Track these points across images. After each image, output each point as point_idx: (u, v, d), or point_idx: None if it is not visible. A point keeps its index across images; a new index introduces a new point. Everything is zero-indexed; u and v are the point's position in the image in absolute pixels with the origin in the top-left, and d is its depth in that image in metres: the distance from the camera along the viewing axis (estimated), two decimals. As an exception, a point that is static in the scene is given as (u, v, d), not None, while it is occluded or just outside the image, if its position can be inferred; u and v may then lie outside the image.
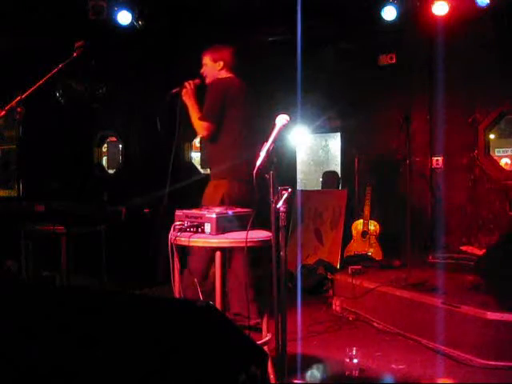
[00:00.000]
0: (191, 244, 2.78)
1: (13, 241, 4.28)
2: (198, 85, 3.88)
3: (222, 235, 2.78)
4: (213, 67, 3.95)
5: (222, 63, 3.94)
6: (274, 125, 2.63)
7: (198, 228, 2.81)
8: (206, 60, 3.96)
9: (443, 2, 4.94)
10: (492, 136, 6.55)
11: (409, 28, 5.44)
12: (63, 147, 6.80)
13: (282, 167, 5.65)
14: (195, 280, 3.16)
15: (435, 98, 5.56)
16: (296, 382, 2.91)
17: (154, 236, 5.09)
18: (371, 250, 5.49)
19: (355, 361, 3.14)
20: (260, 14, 5.56)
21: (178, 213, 2.96)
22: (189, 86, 3.82)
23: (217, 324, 1.47)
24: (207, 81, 3.92)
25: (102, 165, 7.81)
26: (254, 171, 2.51)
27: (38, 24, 5.58)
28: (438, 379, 3.22)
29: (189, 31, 5.90)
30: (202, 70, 3.97)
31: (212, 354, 1.40)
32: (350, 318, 4.30)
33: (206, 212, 2.83)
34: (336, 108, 6.27)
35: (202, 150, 7.38)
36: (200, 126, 3.73)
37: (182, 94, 3.80)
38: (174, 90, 3.79)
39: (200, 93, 3.85)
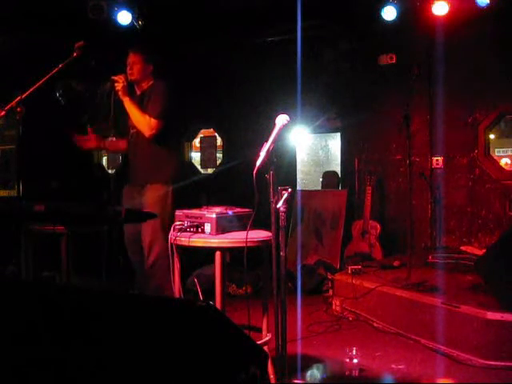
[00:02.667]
0: (191, 244, 2.78)
1: (13, 241, 4.28)
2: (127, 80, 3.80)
3: (222, 235, 2.78)
4: (144, 68, 3.87)
5: (152, 67, 3.89)
6: (274, 125, 2.63)
7: (198, 228, 2.81)
8: (138, 58, 3.86)
9: (443, 2, 4.94)
10: (492, 136, 6.56)
11: (409, 28, 5.44)
12: (63, 147, 6.79)
13: (282, 167, 5.66)
14: (195, 279, 3.16)
15: (435, 98, 5.56)
16: (296, 382, 2.91)
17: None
18: (371, 249, 5.49)
19: (355, 361, 3.14)
20: (260, 14, 5.56)
21: (178, 213, 2.96)
22: (121, 81, 3.71)
23: (217, 324, 1.47)
24: (132, 78, 3.83)
25: (102, 165, 7.81)
26: (254, 171, 2.51)
27: (38, 24, 5.58)
28: (438, 379, 3.21)
29: (189, 31, 5.90)
30: (129, 67, 3.85)
31: (212, 354, 1.40)
32: (350, 318, 4.30)
33: (205, 212, 2.84)
34: (336, 108, 6.28)
35: (202, 150, 7.38)
36: (149, 124, 3.67)
37: (118, 89, 3.72)
38: (108, 85, 3.78)
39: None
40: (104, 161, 8.08)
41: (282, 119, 2.63)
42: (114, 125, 3.95)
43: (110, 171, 7.81)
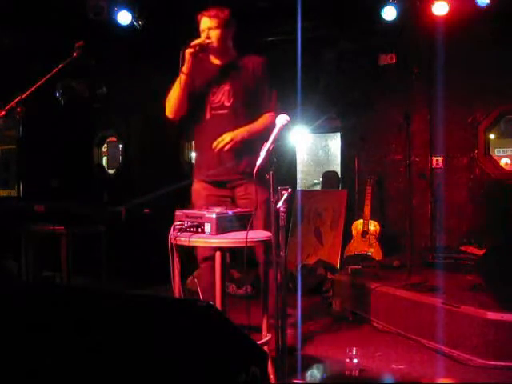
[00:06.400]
0: (191, 244, 2.78)
1: (13, 241, 4.28)
2: (204, 48, 3.15)
3: (222, 235, 2.78)
4: (227, 35, 3.23)
5: (232, 32, 3.25)
6: (274, 125, 2.63)
7: (198, 228, 2.81)
8: (217, 22, 3.19)
9: (443, 2, 4.94)
10: (492, 136, 6.56)
11: (409, 28, 5.45)
12: (63, 147, 6.81)
13: (282, 167, 5.65)
14: (195, 280, 3.16)
15: (435, 98, 5.56)
16: (296, 382, 2.91)
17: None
18: (371, 249, 5.49)
19: (355, 361, 3.14)
20: (260, 14, 5.56)
21: (178, 213, 2.96)
22: (194, 48, 3.11)
23: (217, 324, 1.47)
24: (212, 47, 3.20)
25: (101, 165, 7.82)
26: (254, 171, 2.51)
27: (38, 24, 5.59)
28: (438, 379, 3.21)
29: (188, 30, 5.89)
30: (206, 35, 3.18)
31: (212, 354, 1.40)
32: (350, 318, 4.29)
33: (205, 212, 2.83)
34: (336, 108, 6.28)
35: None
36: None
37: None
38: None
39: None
40: (104, 161, 8.10)
41: (281, 119, 2.62)
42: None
43: (109, 171, 7.82)
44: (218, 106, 3.21)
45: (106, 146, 8.05)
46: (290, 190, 2.51)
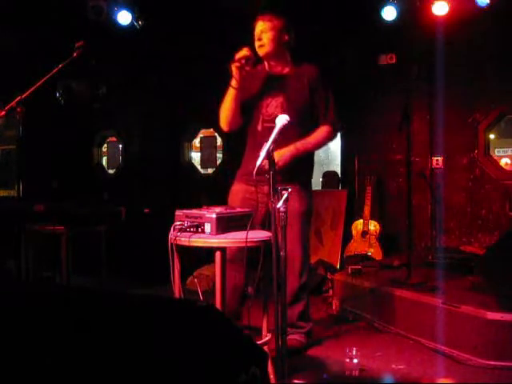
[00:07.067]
0: (191, 244, 2.78)
1: (13, 241, 4.28)
2: (248, 59, 3.01)
3: (222, 235, 2.78)
4: (279, 39, 3.15)
5: (287, 38, 3.15)
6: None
7: (197, 228, 2.81)
8: (271, 25, 3.13)
9: (443, 2, 4.94)
10: (492, 136, 6.56)
11: (409, 28, 5.44)
12: (63, 147, 6.81)
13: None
14: (195, 280, 3.15)
15: (435, 98, 5.56)
16: (296, 382, 2.91)
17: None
18: (371, 250, 5.49)
19: (355, 361, 3.14)
20: (260, 13, 5.56)
21: (178, 213, 2.96)
22: (239, 62, 2.99)
23: (217, 324, 1.47)
24: (263, 52, 3.14)
25: (101, 165, 7.82)
26: (254, 171, 2.50)
27: (39, 24, 5.59)
28: (438, 379, 3.21)
29: (189, 31, 5.90)
30: (258, 37, 3.13)
31: (212, 354, 1.40)
32: (350, 318, 4.29)
33: (206, 212, 2.83)
34: (336, 108, 6.26)
35: (202, 150, 7.38)
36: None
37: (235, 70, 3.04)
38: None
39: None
40: (104, 161, 8.10)
41: (281, 119, 2.62)
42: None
43: (109, 171, 7.82)
44: (270, 119, 3.08)
45: (105, 145, 8.05)
46: (289, 189, 2.51)
